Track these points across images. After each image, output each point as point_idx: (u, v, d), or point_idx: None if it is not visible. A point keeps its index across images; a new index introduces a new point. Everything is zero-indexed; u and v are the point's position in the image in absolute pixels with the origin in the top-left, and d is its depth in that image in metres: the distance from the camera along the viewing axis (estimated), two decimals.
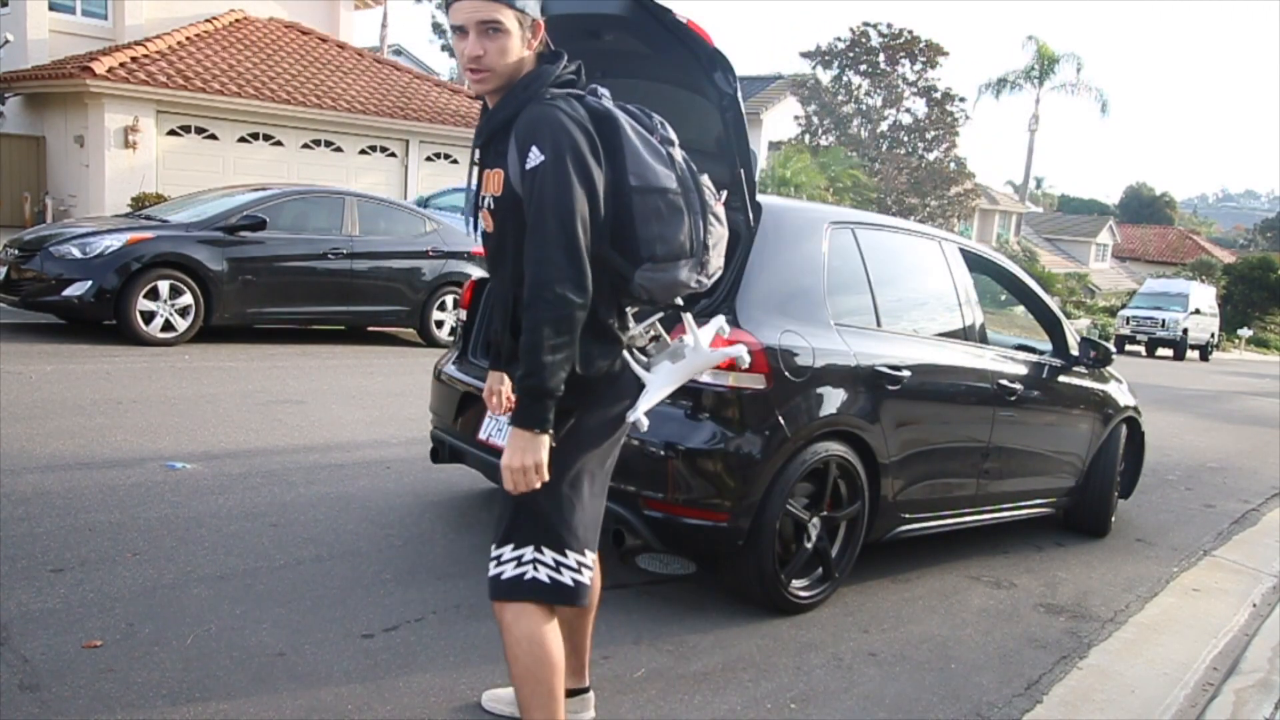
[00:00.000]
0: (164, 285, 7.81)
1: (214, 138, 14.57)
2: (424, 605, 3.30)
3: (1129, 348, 24.78)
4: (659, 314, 2.30)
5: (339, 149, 15.87)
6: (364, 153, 16.21)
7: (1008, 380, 4.43)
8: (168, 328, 7.89)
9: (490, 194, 2.10)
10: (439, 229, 9.81)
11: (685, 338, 2.30)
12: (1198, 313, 25.75)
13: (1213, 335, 27.11)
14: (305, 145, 15.48)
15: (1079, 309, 31.15)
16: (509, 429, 2.00)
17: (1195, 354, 25.94)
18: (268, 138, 15.08)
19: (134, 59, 13.68)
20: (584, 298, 1.96)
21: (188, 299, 7.93)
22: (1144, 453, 5.84)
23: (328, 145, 15.73)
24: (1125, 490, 5.69)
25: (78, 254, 7.67)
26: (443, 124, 16.64)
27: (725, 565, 3.55)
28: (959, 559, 4.57)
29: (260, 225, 8.34)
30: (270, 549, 3.68)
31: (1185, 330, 24.75)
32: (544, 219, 1.96)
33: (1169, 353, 24.84)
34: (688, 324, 2.31)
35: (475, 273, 9.40)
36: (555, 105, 2.03)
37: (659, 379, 2.23)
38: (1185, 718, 3.23)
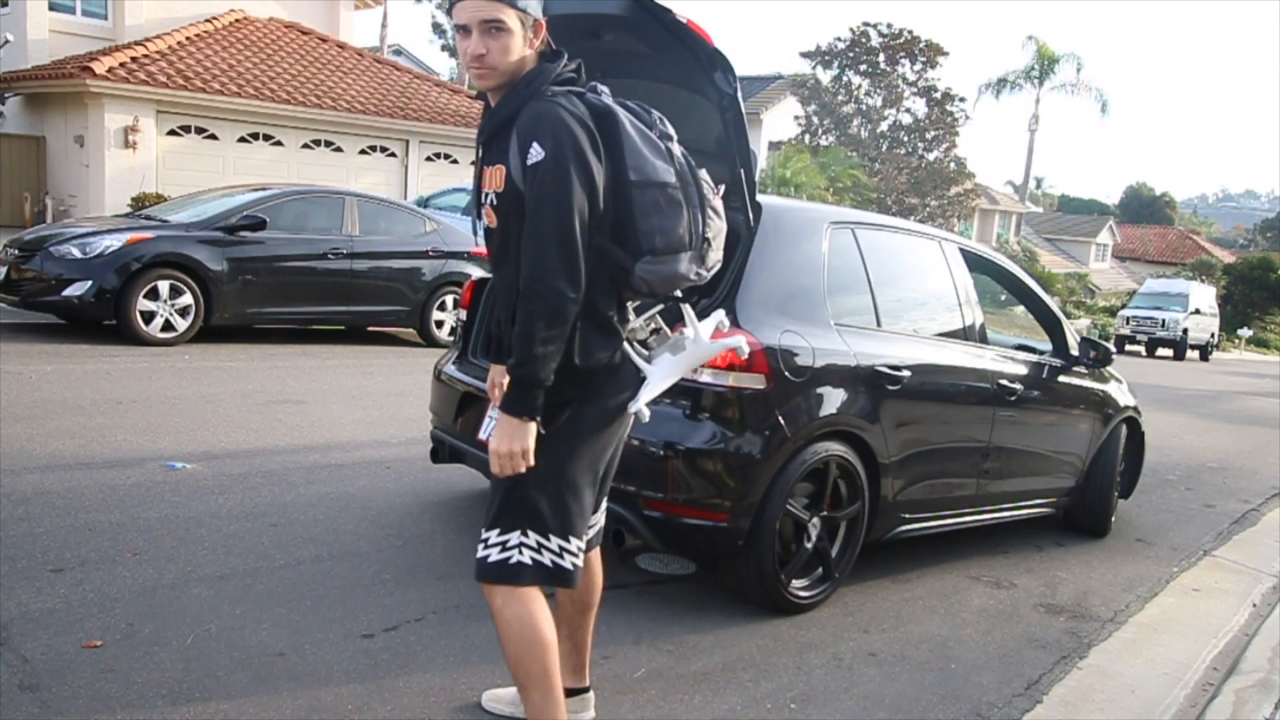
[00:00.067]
0: (164, 285, 7.81)
1: (214, 138, 14.57)
2: (424, 605, 3.30)
3: (1129, 348, 24.78)
4: (659, 307, 2.31)
5: (339, 149, 15.87)
6: (364, 153, 16.22)
7: (1008, 380, 4.44)
8: (168, 328, 7.90)
9: (493, 190, 2.13)
10: (439, 229, 9.81)
11: (685, 330, 2.31)
12: (1198, 313, 25.76)
13: (1213, 335, 27.11)
14: (305, 145, 15.48)
15: (1079, 309, 31.16)
16: (499, 414, 2.04)
17: (1195, 354, 25.94)
18: (268, 138, 15.08)
19: (134, 59, 13.68)
20: (576, 291, 2.00)
21: (188, 299, 7.93)
22: (1144, 453, 5.84)
23: (328, 145, 15.74)
24: (1125, 490, 5.69)
25: (78, 254, 7.68)
26: (443, 124, 16.65)
27: (725, 565, 3.55)
28: (959, 559, 4.58)
29: (260, 225, 8.34)
30: (270, 549, 3.68)
31: (1185, 330, 24.76)
32: (542, 213, 2.00)
33: (1169, 353, 24.85)
34: (688, 316, 2.32)
35: (475, 273, 9.40)
36: (556, 102, 2.06)
37: (659, 371, 2.25)
38: (1185, 718, 3.23)
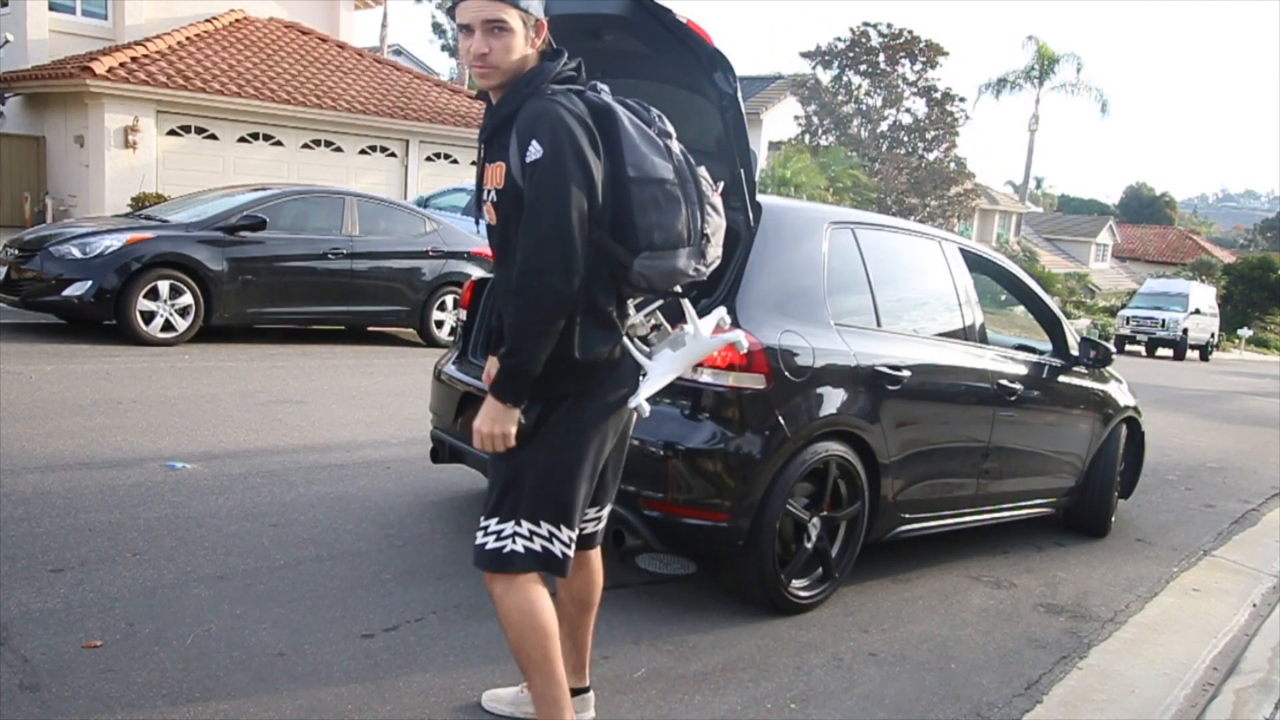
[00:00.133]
0: (164, 285, 7.81)
1: (214, 138, 14.57)
2: (424, 605, 3.30)
3: (1129, 348, 24.78)
4: (658, 303, 2.33)
5: (339, 149, 15.88)
6: (364, 153, 16.22)
7: (1008, 380, 4.43)
8: (168, 328, 7.89)
9: (493, 187, 2.16)
10: (439, 229, 9.81)
11: (686, 326, 2.32)
12: (1198, 313, 25.75)
13: (1213, 335, 27.11)
14: (305, 145, 15.48)
15: (1079, 309, 31.15)
16: (486, 396, 2.10)
17: (1195, 354, 25.94)
18: (268, 138, 15.08)
19: (134, 59, 13.68)
20: (571, 287, 2.03)
21: (188, 299, 7.92)
22: (1144, 453, 5.84)
23: (328, 145, 15.74)
24: (1125, 490, 5.69)
25: (78, 254, 7.67)
26: (443, 124, 16.65)
27: (725, 565, 3.55)
28: (959, 559, 4.58)
29: (260, 225, 8.34)
30: (270, 549, 3.68)
31: (1185, 330, 24.75)
32: (539, 209, 2.03)
33: (1169, 353, 24.84)
34: (688, 312, 2.33)
35: (475, 273, 9.40)
36: (555, 100, 2.09)
37: (660, 366, 2.26)
38: (1185, 718, 3.23)
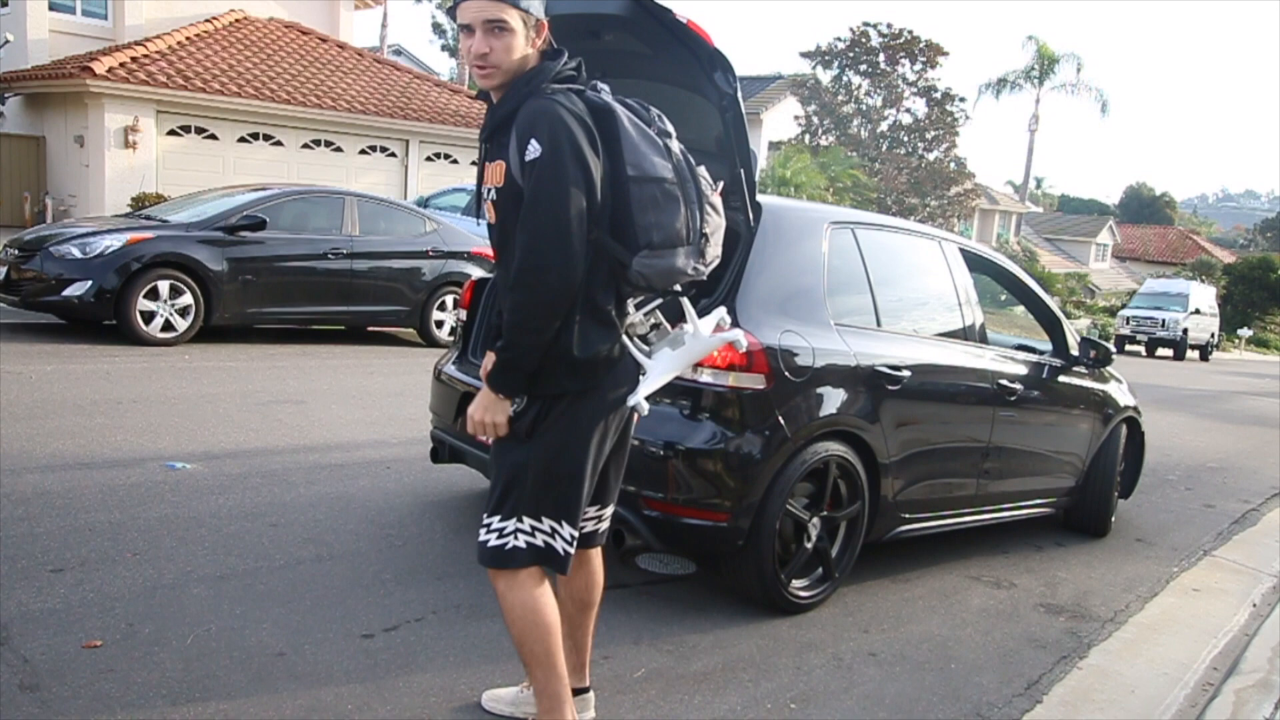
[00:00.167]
0: (164, 285, 7.81)
1: (214, 138, 14.58)
2: (424, 605, 3.30)
3: (1129, 348, 24.78)
4: (658, 301, 2.33)
5: (339, 149, 15.88)
6: (364, 153, 16.22)
7: (1008, 380, 4.43)
8: (168, 328, 7.89)
9: (493, 186, 2.17)
10: (439, 229, 9.81)
11: (685, 325, 2.32)
12: (1198, 313, 25.75)
13: (1213, 335, 27.10)
14: (305, 145, 15.49)
15: (1079, 309, 31.15)
16: (482, 385, 2.16)
17: (1195, 354, 25.94)
18: (268, 138, 15.09)
19: (134, 59, 13.69)
20: (568, 284, 2.05)
21: (188, 299, 7.92)
22: (1144, 453, 5.84)
23: (328, 145, 15.74)
24: (1125, 490, 5.69)
25: (78, 254, 7.67)
26: (443, 124, 16.65)
27: (725, 565, 3.55)
28: (959, 559, 4.58)
29: (260, 225, 8.34)
30: (270, 549, 3.68)
31: (1185, 330, 24.75)
32: (537, 207, 2.04)
33: (1169, 353, 24.84)
34: (687, 311, 2.33)
35: (475, 272, 9.40)
36: (554, 100, 2.10)
37: (659, 365, 2.27)
38: (1185, 718, 3.23)
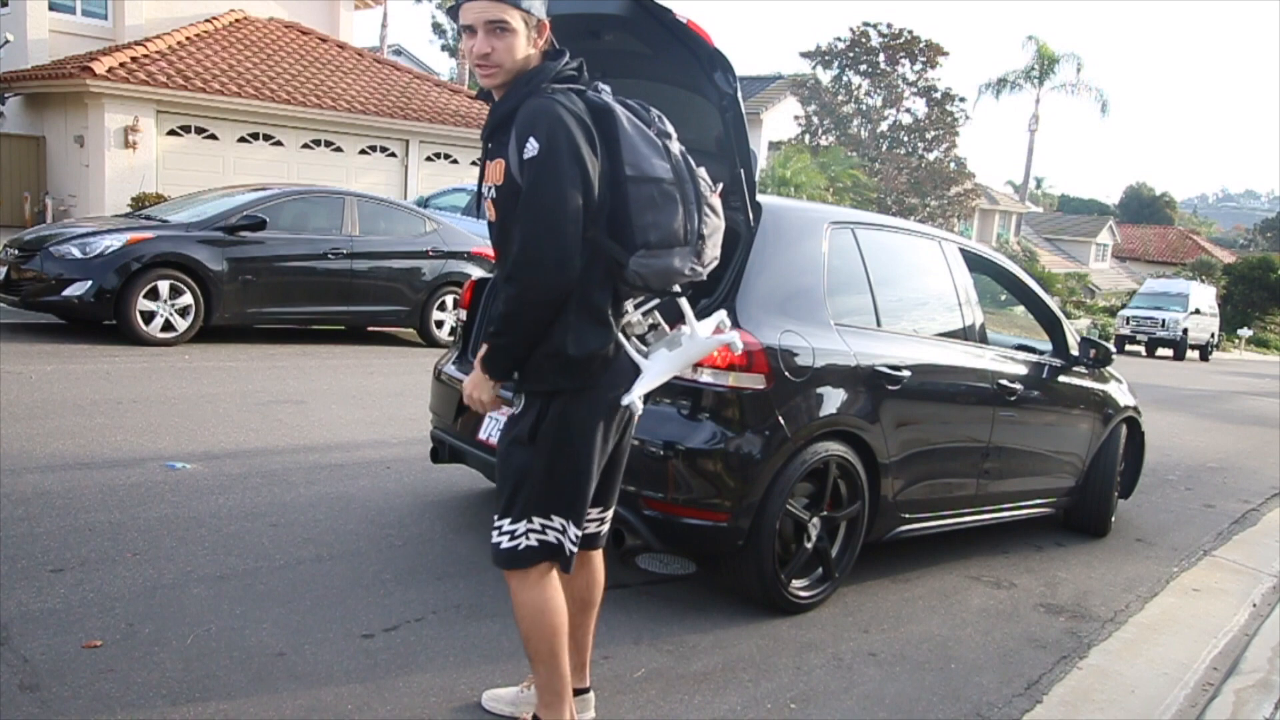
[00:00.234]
0: (164, 285, 7.80)
1: (214, 138, 14.58)
2: (424, 605, 3.30)
3: (1129, 348, 24.77)
4: (655, 302, 2.34)
5: (339, 149, 15.88)
6: (364, 153, 16.22)
7: (1008, 380, 4.43)
8: (168, 328, 7.89)
9: (493, 184, 2.19)
10: (439, 229, 9.81)
11: (683, 327, 2.33)
12: (1198, 313, 25.75)
13: (1213, 335, 27.10)
14: (305, 145, 15.48)
15: (1079, 309, 31.15)
16: (475, 364, 2.25)
17: (1195, 354, 25.94)
18: (268, 138, 15.08)
19: (134, 59, 13.69)
20: (561, 281, 2.09)
21: (188, 299, 7.92)
22: (1144, 453, 5.84)
23: (328, 145, 15.74)
24: (1125, 490, 5.69)
25: (78, 254, 7.67)
26: (443, 124, 16.65)
27: (725, 565, 3.55)
28: (959, 559, 4.58)
29: (260, 225, 8.33)
30: (270, 549, 3.68)
31: (1185, 330, 24.75)
32: (533, 204, 2.07)
33: (1169, 353, 24.84)
34: (685, 312, 2.34)
35: (475, 272, 9.40)
36: (554, 99, 2.12)
37: (655, 366, 2.29)
38: (1185, 718, 3.23)
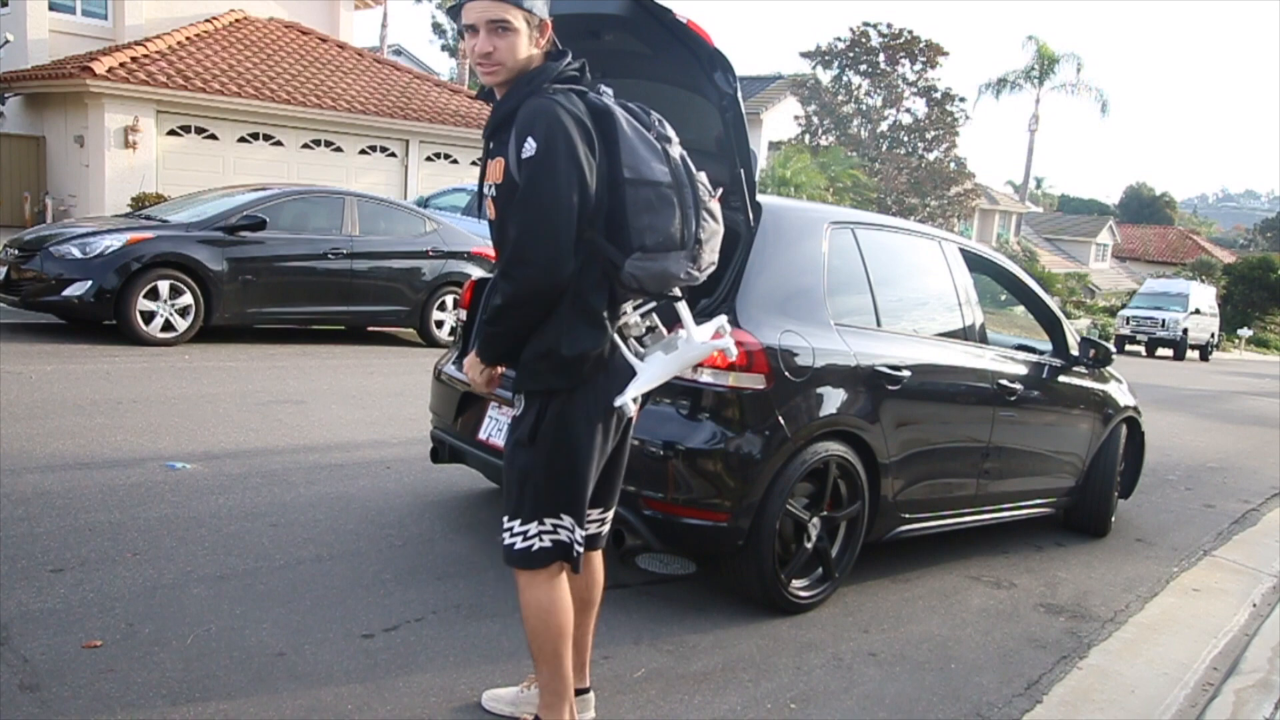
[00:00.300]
0: (164, 285, 7.80)
1: (214, 138, 14.58)
2: (424, 605, 3.30)
3: (1129, 348, 24.78)
4: (652, 304, 2.35)
5: (339, 149, 15.88)
6: (364, 153, 16.22)
7: (1008, 380, 4.43)
8: (168, 328, 7.89)
9: (493, 182, 2.21)
10: (439, 229, 9.81)
11: (681, 330, 2.33)
12: (1198, 313, 25.75)
13: (1213, 335, 27.10)
14: (305, 145, 15.48)
15: (1079, 309, 31.15)
16: (473, 349, 2.32)
17: (1195, 354, 25.94)
18: (268, 138, 15.08)
19: (134, 59, 13.69)
20: (554, 280, 2.10)
21: (188, 299, 7.92)
22: (1144, 453, 5.84)
23: (328, 145, 15.74)
24: (1125, 490, 5.69)
25: (78, 254, 7.67)
26: (443, 124, 16.65)
27: (725, 565, 3.55)
28: (959, 559, 4.58)
29: (260, 225, 8.33)
30: (270, 549, 3.68)
31: (1185, 330, 24.75)
32: (527, 203, 2.09)
33: (1169, 353, 24.84)
34: (683, 316, 2.34)
35: (475, 272, 9.40)
36: (554, 100, 2.13)
37: (650, 368, 2.30)
38: (1185, 718, 3.23)
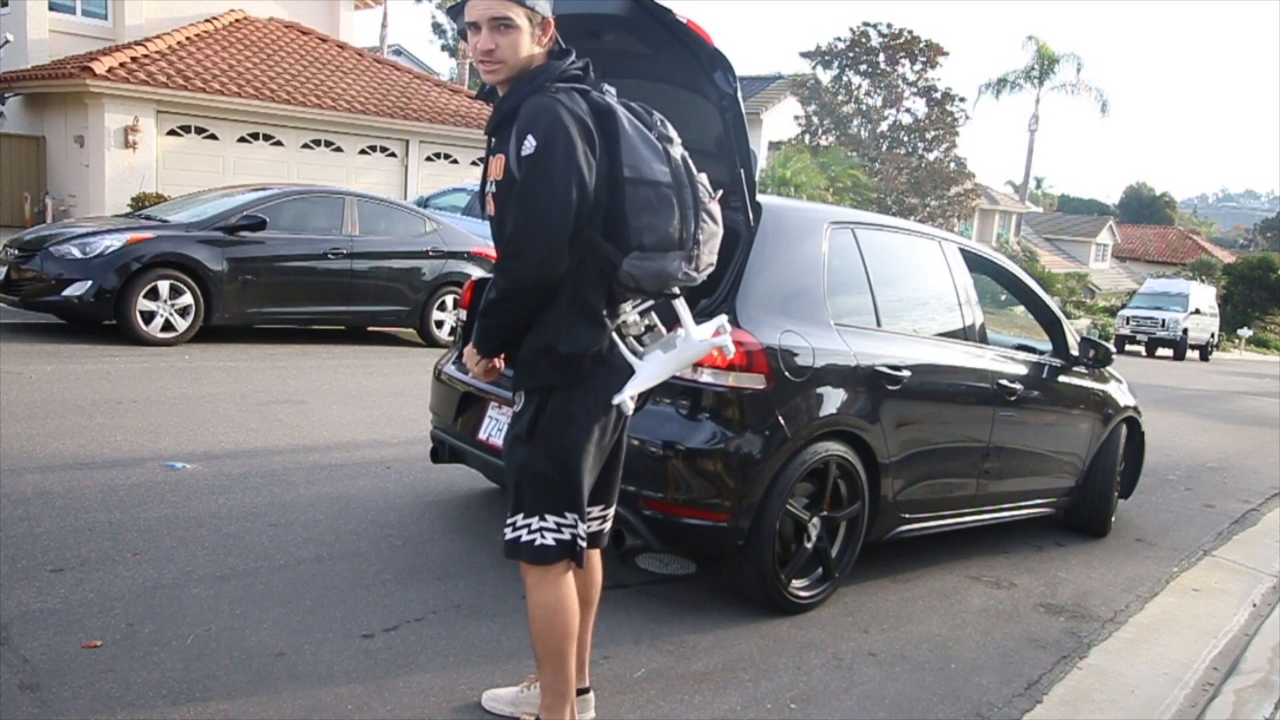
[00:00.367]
0: (164, 285, 7.80)
1: (214, 138, 14.57)
2: (424, 605, 3.30)
3: (1129, 348, 24.78)
4: (651, 303, 2.35)
5: (339, 149, 15.88)
6: (364, 153, 16.22)
7: (1008, 380, 4.43)
8: (168, 328, 7.89)
9: (494, 179, 2.22)
10: (439, 229, 9.81)
11: (679, 330, 2.34)
12: (1198, 313, 25.75)
13: (1213, 335, 27.10)
14: (305, 145, 15.48)
15: (1079, 309, 31.15)
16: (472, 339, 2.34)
17: (1195, 354, 25.94)
18: (268, 138, 15.08)
19: (134, 59, 13.69)
20: (548, 276, 2.12)
21: (188, 299, 7.92)
22: (1144, 453, 5.84)
23: (328, 145, 15.74)
24: (1125, 490, 5.69)
25: (78, 254, 7.67)
26: (443, 124, 16.65)
27: (725, 565, 3.55)
28: (959, 559, 4.58)
29: (260, 225, 8.33)
30: (270, 549, 3.68)
31: (1185, 330, 24.75)
32: (525, 199, 2.10)
33: (1169, 353, 24.84)
34: (682, 315, 2.34)
35: (475, 272, 9.40)
36: (555, 98, 2.13)
37: (648, 367, 2.30)
38: (1185, 718, 3.23)
